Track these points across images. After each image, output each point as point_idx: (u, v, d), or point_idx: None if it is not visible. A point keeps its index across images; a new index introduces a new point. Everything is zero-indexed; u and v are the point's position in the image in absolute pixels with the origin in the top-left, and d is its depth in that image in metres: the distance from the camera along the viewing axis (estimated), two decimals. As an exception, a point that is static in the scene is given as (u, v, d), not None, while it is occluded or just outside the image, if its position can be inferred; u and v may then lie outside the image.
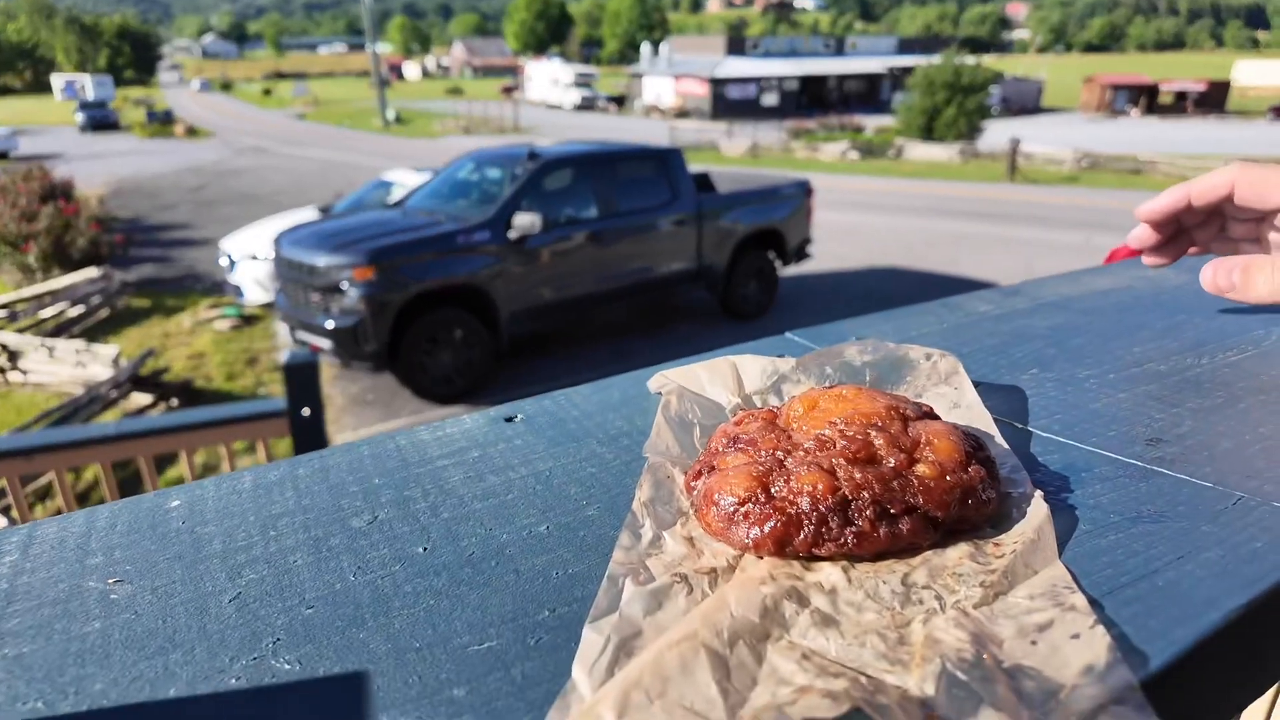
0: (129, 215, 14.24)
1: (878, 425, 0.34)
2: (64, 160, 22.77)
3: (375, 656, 0.29)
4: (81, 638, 0.30)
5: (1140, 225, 0.63)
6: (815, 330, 0.56)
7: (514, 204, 6.12)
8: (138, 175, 20.17)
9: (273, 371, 6.84)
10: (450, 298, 5.91)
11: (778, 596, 0.29)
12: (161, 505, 0.39)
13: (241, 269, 8.02)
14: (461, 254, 5.88)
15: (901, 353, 0.46)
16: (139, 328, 8.13)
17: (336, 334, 5.48)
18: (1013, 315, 0.61)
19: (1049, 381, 0.49)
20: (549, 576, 0.33)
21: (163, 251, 11.59)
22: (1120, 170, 20.85)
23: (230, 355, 7.20)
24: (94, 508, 0.40)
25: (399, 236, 5.85)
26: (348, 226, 6.28)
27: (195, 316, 8.24)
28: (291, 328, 5.95)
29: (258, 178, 19.33)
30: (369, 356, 5.59)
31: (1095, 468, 0.39)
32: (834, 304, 8.72)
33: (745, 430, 0.36)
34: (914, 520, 0.31)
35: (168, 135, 33.36)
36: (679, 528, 0.34)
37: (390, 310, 5.56)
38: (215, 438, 2.88)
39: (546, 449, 0.43)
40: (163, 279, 9.98)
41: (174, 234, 12.85)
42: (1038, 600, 0.28)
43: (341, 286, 5.50)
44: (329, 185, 16.35)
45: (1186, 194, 0.57)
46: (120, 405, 5.96)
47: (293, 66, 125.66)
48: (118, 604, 0.32)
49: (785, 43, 54.51)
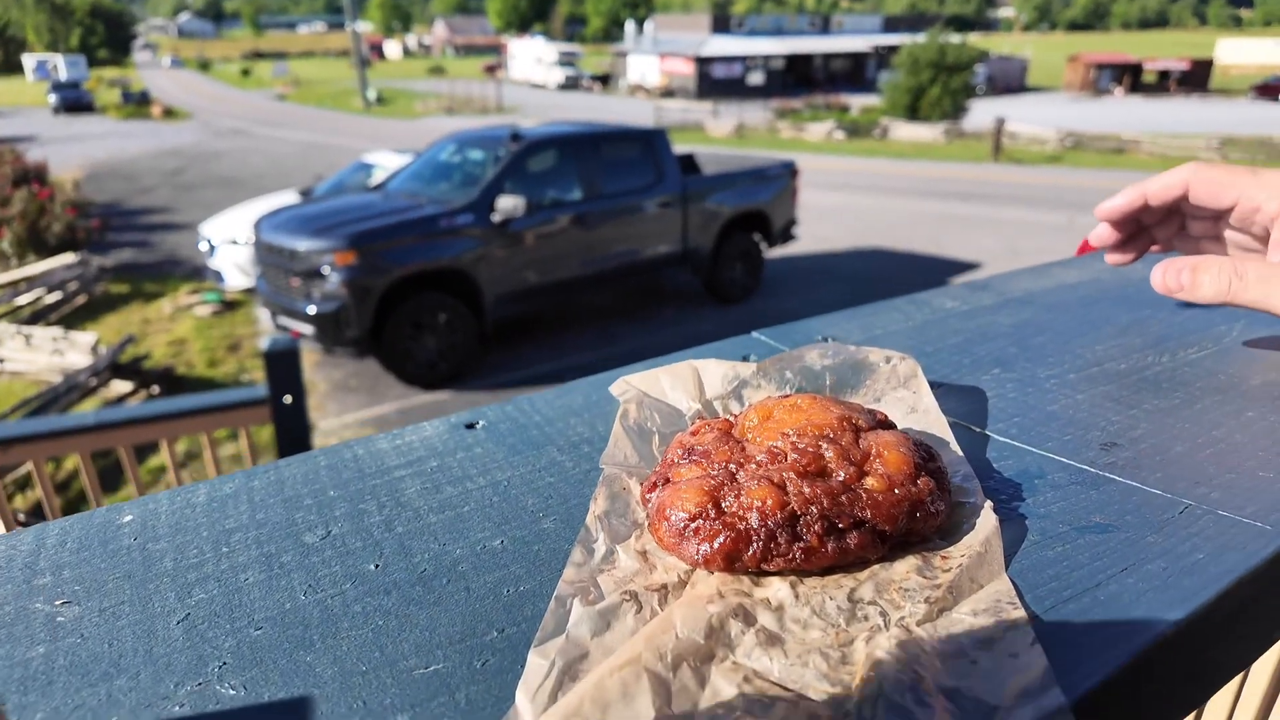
0: (106, 199, 14.01)
1: (829, 437, 0.34)
2: (37, 143, 22.33)
3: (321, 680, 0.28)
4: (25, 663, 0.30)
5: (1100, 224, 0.64)
6: (781, 329, 0.56)
7: (497, 186, 6.07)
8: (114, 158, 19.82)
9: (255, 358, 6.78)
10: (433, 282, 5.87)
11: (724, 615, 0.29)
12: (113, 521, 0.39)
13: (222, 254, 7.92)
14: (444, 237, 5.84)
15: (861, 356, 0.46)
16: (118, 314, 8.03)
17: (318, 319, 5.44)
18: (978, 312, 0.61)
19: (1009, 382, 0.49)
20: (500, 594, 0.33)
21: (141, 236, 11.42)
22: (1104, 150, 20.95)
23: (211, 341, 7.13)
24: (45, 524, 0.39)
25: (381, 220, 5.80)
26: (329, 210, 6.21)
27: (175, 302, 8.15)
28: (273, 313, 5.89)
29: (238, 160, 19.04)
30: (351, 342, 5.56)
31: (1048, 474, 0.39)
32: (819, 286, 8.73)
33: (700, 441, 0.36)
34: (862, 535, 0.31)
35: (144, 117, 32.75)
36: (633, 541, 0.34)
37: (373, 295, 5.51)
38: (196, 426, 2.86)
39: (506, 457, 0.43)
40: (141, 264, 9.85)
41: (153, 218, 12.66)
42: (980, 617, 0.28)
43: (323, 271, 5.45)
44: (310, 168, 16.14)
45: (1143, 194, 0.57)
46: (100, 393, 5.90)
47: (271, 46, 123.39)
48: (64, 627, 0.32)
49: (771, 21, 54.09)
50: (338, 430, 5.41)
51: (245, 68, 67.31)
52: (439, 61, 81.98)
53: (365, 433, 5.44)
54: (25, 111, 37.69)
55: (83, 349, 6.15)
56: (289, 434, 3.08)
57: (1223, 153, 19.31)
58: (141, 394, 5.98)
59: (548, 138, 6.61)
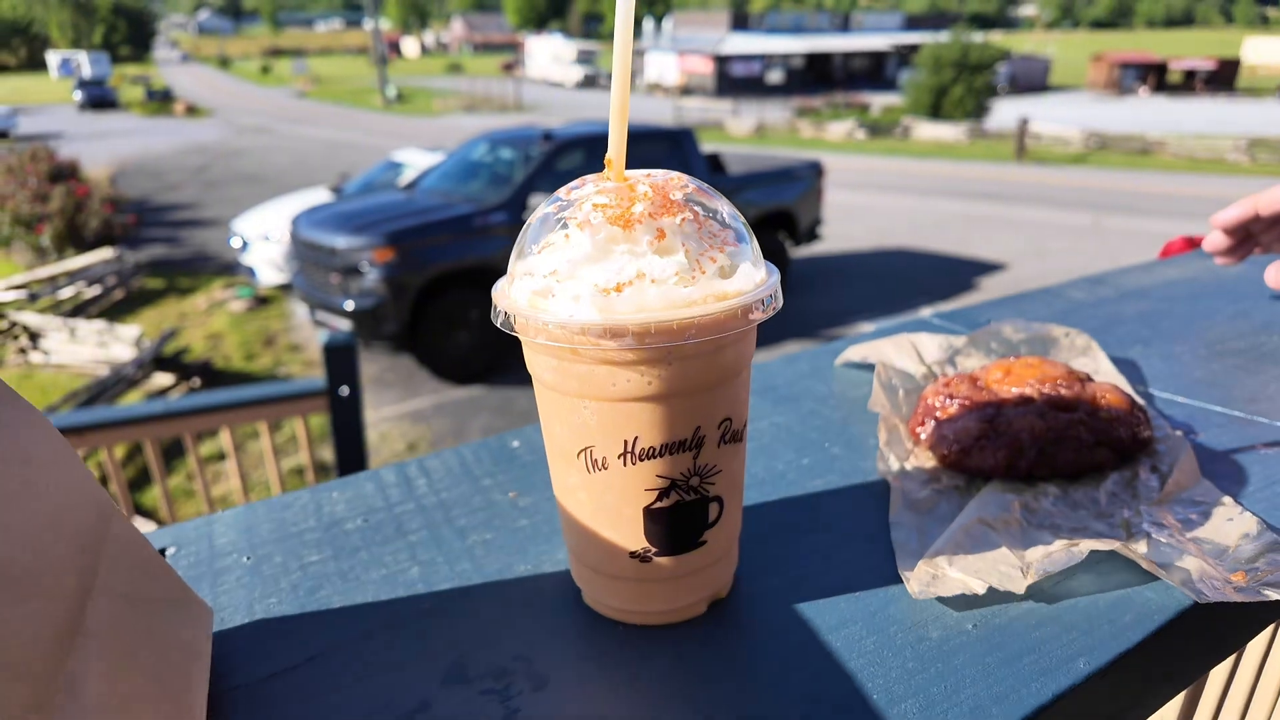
0: (135, 195, 14.26)
1: (1064, 384, 0.45)
2: (65, 139, 22.72)
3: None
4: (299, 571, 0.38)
5: (1213, 231, 0.71)
6: (949, 314, 0.68)
7: (530, 186, 6.16)
8: (141, 155, 20.14)
9: (290, 351, 6.92)
10: (467, 279, 5.97)
11: (1015, 501, 0.42)
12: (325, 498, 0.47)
13: (255, 250, 8.07)
14: (478, 236, 5.94)
15: (1045, 331, 0.56)
16: (155, 308, 8.20)
17: (356, 315, 5.55)
18: (1104, 302, 0.69)
19: (1153, 356, 0.58)
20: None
21: (171, 232, 11.63)
22: (1129, 150, 20.77)
23: (247, 336, 7.27)
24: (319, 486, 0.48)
25: (417, 218, 5.91)
26: (365, 208, 6.32)
27: (210, 297, 8.31)
28: (310, 309, 6.01)
29: (261, 158, 19.29)
30: (388, 337, 5.67)
31: (1210, 418, 0.50)
32: (847, 285, 8.77)
33: (956, 390, 0.48)
34: (1101, 450, 0.45)
35: (167, 114, 33.21)
36: (910, 459, 0.48)
37: (410, 291, 5.62)
38: (257, 415, 2.97)
39: (773, 406, 0.54)
40: (174, 260, 10.04)
41: (182, 214, 12.88)
42: (1198, 502, 0.42)
43: (361, 268, 5.56)
44: (333, 165, 16.33)
45: (1254, 205, 0.65)
46: (142, 385, 6.05)
47: (290, 43, 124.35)
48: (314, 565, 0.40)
49: (790, 18, 53.95)
50: (376, 423, 5.53)
51: (265, 65, 67.96)
52: (457, 59, 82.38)
53: (403, 426, 5.56)
54: (51, 108, 38.31)
55: (126, 342, 6.30)
56: (343, 424, 3.19)
57: (1251, 154, 19.10)
58: (182, 386, 6.12)
59: (578, 137, 6.69)
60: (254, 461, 4.67)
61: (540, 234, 0.40)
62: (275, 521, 0.50)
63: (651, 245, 0.37)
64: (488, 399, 5.94)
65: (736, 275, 0.38)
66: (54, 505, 0.34)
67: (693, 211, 0.38)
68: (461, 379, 6.11)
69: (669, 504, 0.39)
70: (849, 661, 0.37)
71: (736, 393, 0.40)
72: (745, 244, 0.39)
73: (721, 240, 0.38)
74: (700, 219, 0.38)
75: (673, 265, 0.36)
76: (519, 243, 0.41)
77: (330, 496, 0.52)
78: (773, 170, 7.93)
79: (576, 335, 0.35)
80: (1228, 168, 18.36)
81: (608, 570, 0.41)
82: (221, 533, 0.50)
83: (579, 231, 0.37)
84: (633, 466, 0.38)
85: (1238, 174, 17.38)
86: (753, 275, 0.38)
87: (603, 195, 0.38)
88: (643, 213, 0.37)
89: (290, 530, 0.49)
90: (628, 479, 0.39)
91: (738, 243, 0.39)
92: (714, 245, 0.38)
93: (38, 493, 0.34)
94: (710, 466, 0.39)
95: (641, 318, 0.35)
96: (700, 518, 0.40)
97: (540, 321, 0.36)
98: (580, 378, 0.37)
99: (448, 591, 0.44)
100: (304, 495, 0.53)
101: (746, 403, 0.41)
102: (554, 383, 0.39)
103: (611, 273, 0.36)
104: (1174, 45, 74.39)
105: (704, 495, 0.40)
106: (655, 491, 0.39)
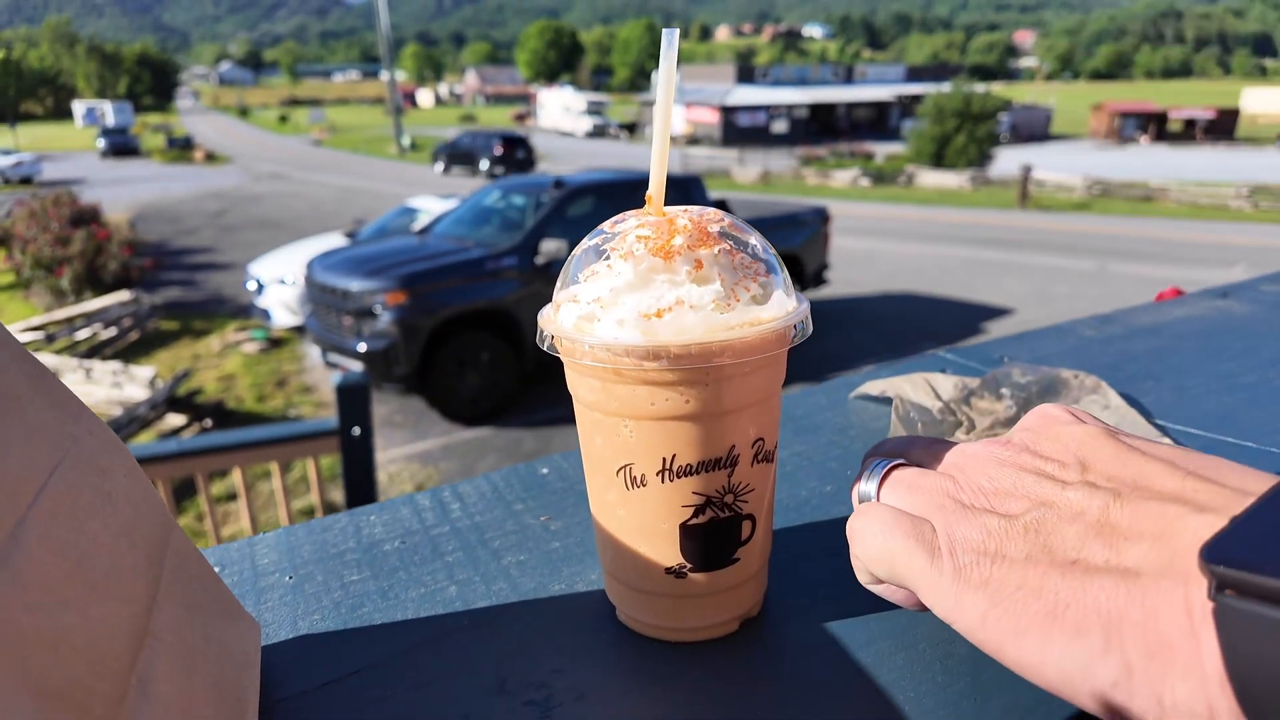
0: (154, 239, 14.53)
1: None
2: (87, 185, 23.25)
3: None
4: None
5: None
6: (963, 350, 0.68)
7: (541, 230, 6.27)
8: (160, 200, 20.57)
9: (302, 393, 6.96)
10: (477, 321, 6.04)
11: None
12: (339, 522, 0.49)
13: (270, 293, 8.19)
14: (489, 279, 6.02)
15: (1054, 374, 0.57)
16: (169, 350, 8.29)
17: (368, 356, 5.61)
18: (1114, 339, 0.71)
19: (1164, 389, 0.59)
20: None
21: (188, 275, 11.82)
22: (1131, 197, 20.98)
23: (259, 377, 7.33)
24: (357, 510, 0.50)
25: (430, 262, 6.00)
26: (379, 252, 6.43)
27: (223, 339, 8.40)
28: (323, 351, 6.08)
29: (278, 204, 19.67)
30: (400, 378, 5.71)
31: (1223, 450, 0.49)
32: (854, 328, 8.81)
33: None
34: None
35: (187, 161, 34.00)
36: None
37: (421, 334, 5.69)
38: (269, 455, 2.99)
39: (795, 435, 0.55)
40: (189, 302, 10.18)
41: (198, 258, 13.10)
42: None
43: (374, 310, 5.64)
44: (348, 211, 16.63)
45: None
46: (155, 426, 6.09)
47: (308, 93, 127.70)
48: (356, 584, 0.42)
49: (795, 71, 55.22)
50: (384, 464, 5.53)
51: (283, 114, 69.73)
52: (470, 110, 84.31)
53: (412, 467, 5.56)
54: (75, 155, 39.31)
55: (141, 383, 6.36)
56: (355, 464, 3.20)
57: (1254, 201, 19.26)
58: (195, 427, 6.16)
59: (588, 184, 6.83)
60: (263, 503, 4.67)
61: (584, 264, 0.42)
62: (316, 543, 0.52)
63: (690, 275, 0.39)
64: (495, 440, 5.94)
65: (770, 303, 0.40)
66: (126, 516, 0.36)
67: (728, 244, 0.41)
68: (471, 420, 6.13)
69: (704, 520, 0.41)
70: (879, 677, 0.38)
71: (769, 415, 0.42)
72: (776, 275, 0.42)
73: (754, 271, 0.41)
74: (734, 251, 0.41)
75: (710, 293, 0.39)
76: (564, 273, 0.43)
77: (368, 519, 0.54)
78: (779, 216, 8.04)
79: (620, 357, 0.38)
80: (1231, 214, 18.48)
81: (643, 586, 0.43)
82: (264, 553, 0.52)
83: (622, 261, 0.40)
84: (670, 483, 0.40)
85: (1241, 220, 17.49)
86: (785, 303, 0.40)
87: (645, 228, 0.41)
88: (682, 245, 0.40)
89: (330, 551, 0.51)
90: (665, 495, 0.40)
91: (769, 274, 0.42)
92: (748, 275, 0.41)
93: (114, 503, 0.36)
94: (744, 485, 0.41)
95: (682, 340, 0.37)
96: (734, 534, 0.42)
97: (586, 344, 0.39)
98: (622, 398, 0.39)
99: (485, 609, 0.45)
100: (343, 518, 0.55)
101: (777, 425, 0.43)
102: (595, 402, 0.41)
103: (652, 299, 0.39)
104: (1173, 95, 75.61)
105: (737, 513, 0.41)
106: (691, 508, 0.41)
